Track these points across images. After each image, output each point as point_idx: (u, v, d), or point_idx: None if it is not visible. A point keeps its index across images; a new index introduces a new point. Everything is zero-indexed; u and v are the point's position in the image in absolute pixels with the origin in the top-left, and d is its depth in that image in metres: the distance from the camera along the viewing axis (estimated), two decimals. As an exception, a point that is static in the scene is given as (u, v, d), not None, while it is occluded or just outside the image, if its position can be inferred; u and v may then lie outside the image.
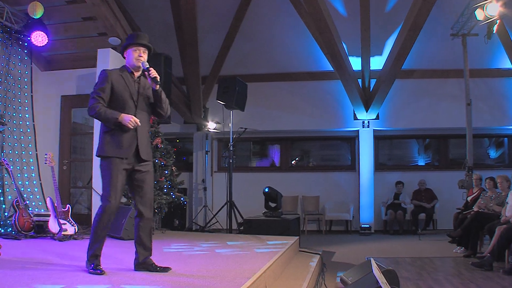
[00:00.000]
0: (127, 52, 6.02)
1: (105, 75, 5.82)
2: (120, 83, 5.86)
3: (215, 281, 5.23)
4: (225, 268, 6.13)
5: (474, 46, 14.34)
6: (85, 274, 5.51)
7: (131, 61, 5.96)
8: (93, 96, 5.73)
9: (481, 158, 17.08)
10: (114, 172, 5.69)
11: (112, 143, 5.73)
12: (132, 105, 5.88)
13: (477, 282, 7.86)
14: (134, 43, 5.98)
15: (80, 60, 12.64)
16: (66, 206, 9.38)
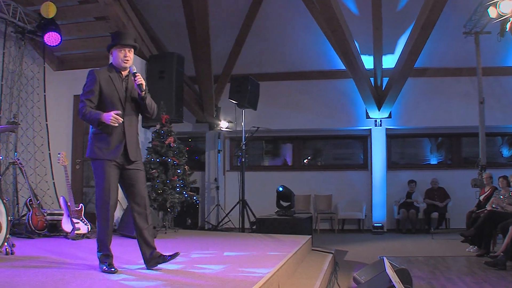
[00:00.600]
0: (113, 51, 5.97)
1: (93, 77, 5.80)
2: (108, 84, 5.85)
3: (228, 279, 5.23)
4: (237, 266, 6.13)
5: (487, 44, 14.30)
6: (99, 273, 5.52)
7: (118, 62, 5.94)
8: (81, 100, 5.73)
9: (494, 157, 16.99)
10: (106, 172, 5.75)
11: (100, 145, 5.77)
12: (120, 106, 5.87)
13: (490, 282, 7.83)
14: (119, 44, 5.93)
15: (92, 60, 12.67)
16: (79, 205, 9.42)
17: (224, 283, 5.06)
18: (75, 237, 8.94)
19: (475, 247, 10.98)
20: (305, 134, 17.54)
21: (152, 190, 10.55)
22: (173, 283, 5.05)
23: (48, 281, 4.97)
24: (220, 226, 14.28)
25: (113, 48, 5.94)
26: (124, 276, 5.40)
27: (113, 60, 5.97)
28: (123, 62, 5.91)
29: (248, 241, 9.46)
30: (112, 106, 5.78)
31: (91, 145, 5.81)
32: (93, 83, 5.75)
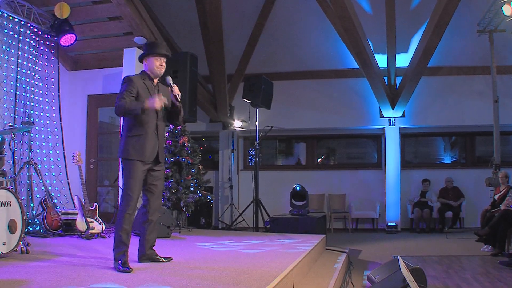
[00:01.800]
0: (148, 59, 6.33)
1: (131, 82, 6.10)
2: (144, 91, 6.16)
3: (242, 278, 5.23)
4: (252, 266, 6.14)
5: (501, 42, 14.24)
6: (113, 272, 5.55)
7: (153, 69, 6.30)
8: (119, 98, 5.99)
9: (509, 156, 16.92)
10: (137, 173, 6.05)
11: (136, 147, 6.04)
12: (154, 112, 6.15)
13: (505, 281, 7.80)
14: (155, 53, 6.29)
15: (106, 60, 12.74)
16: (93, 205, 9.45)
17: (238, 281, 5.06)
18: (89, 236, 8.97)
19: (489, 247, 10.94)
20: (318, 133, 17.53)
21: (166, 190, 10.58)
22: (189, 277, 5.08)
23: (63, 279, 4.99)
24: (234, 225, 14.30)
25: (148, 57, 6.32)
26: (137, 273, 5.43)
27: (148, 68, 6.32)
28: (158, 70, 6.30)
29: (262, 240, 9.46)
30: (147, 112, 6.04)
31: (126, 146, 6.07)
32: (132, 87, 6.07)
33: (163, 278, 5.21)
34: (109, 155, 13.17)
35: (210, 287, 4.82)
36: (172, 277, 5.28)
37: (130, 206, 6.01)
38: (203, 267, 5.94)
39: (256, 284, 4.93)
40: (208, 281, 5.11)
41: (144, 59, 6.38)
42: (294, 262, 6.30)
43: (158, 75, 6.38)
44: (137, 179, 6.06)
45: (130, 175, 6.05)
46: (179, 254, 6.37)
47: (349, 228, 16.10)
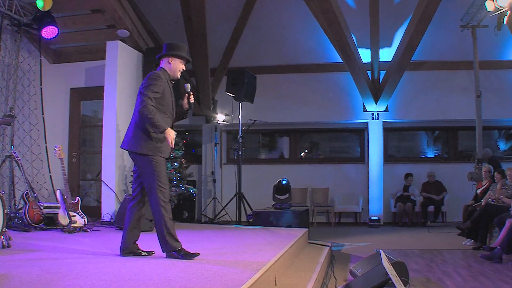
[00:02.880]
0: (174, 61, 6.50)
1: (161, 80, 6.27)
2: (167, 90, 6.38)
3: (225, 272, 5.23)
4: (234, 260, 6.14)
5: (484, 38, 14.29)
6: (95, 266, 5.52)
7: (176, 72, 6.53)
8: (148, 97, 6.12)
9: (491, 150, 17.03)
10: (164, 167, 6.35)
11: (159, 144, 6.28)
12: (172, 109, 6.53)
13: (486, 275, 7.85)
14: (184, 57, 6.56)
15: (89, 53, 12.68)
16: (76, 198, 9.41)
17: (221, 275, 5.06)
18: (71, 230, 8.93)
19: (471, 240, 11.02)
20: (302, 127, 17.56)
21: (148, 183, 10.54)
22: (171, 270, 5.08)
23: (44, 274, 4.96)
24: (216, 219, 14.30)
25: (174, 58, 6.50)
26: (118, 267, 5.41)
27: (170, 68, 6.50)
28: (179, 73, 6.57)
29: (244, 234, 9.47)
30: (168, 108, 6.42)
31: (150, 144, 6.25)
32: (161, 85, 6.25)
33: (145, 273, 5.19)
34: (92, 149, 13.13)
35: (192, 281, 4.81)
36: (154, 271, 5.26)
37: (166, 198, 6.20)
38: (184, 262, 5.92)
39: (238, 277, 4.93)
40: (190, 274, 5.09)
41: (170, 59, 6.49)
42: (276, 255, 6.31)
43: (177, 78, 6.59)
44: (165, 175, 6.30)
45: (161, 169, 6.25)
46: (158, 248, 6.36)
47: (332, 222, 16.12)
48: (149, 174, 6.22)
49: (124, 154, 11.43)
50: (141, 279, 4.82)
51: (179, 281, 4.76)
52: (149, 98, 6.05)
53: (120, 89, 11.37)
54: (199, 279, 4.89)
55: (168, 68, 6.47)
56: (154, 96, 6.10)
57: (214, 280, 4.83)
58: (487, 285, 7.16)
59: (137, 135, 6.25)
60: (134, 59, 12.11)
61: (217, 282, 4.77)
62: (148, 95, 6.06)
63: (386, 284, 5.52)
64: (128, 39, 11.86)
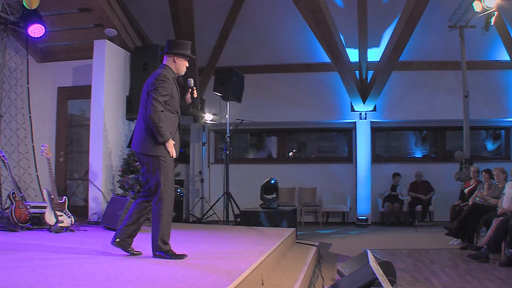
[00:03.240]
0: (179, 59, 6.51)
1: (168, 81, 6.25)
2: (174, 89, 6.37)
3: (211, 272, 5.23)
4: (221, 259, 6.15)
5: (471, 38, 14.35)
6: (81, 265, 5.50)
7: (180, 70, 6.56)
8: (159, 100, 6.12)
9: (478, 151, 17.12)
10: (172, 169, 6.38)
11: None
12: (178, 107, 6.50)
13: (473, 274, 7.89)
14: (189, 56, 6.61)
15: (76, 52, 12.62)
16: (63, 198, 9.36)
17: (206, 276, 5.06)
18: (58, 230, 8.89)
19: (458, 240, 11.07)
20: (290, 127, 17.55)
21: (135, 183, 10.52)
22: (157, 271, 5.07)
23: (30, 274, 4.94)
24: (204, 218, 14.29)
25: (180, 57, 6.52)
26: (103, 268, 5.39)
27: (175, 66, 6.51)
28: (183, 71, 6.59)
29: (232, 233, 9.48)
30: (175, 107, 6.43)
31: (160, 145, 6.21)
32: (169, 87, 6.25)
33: (131, 272, 5.18)
34: (79, 148, 13.08)
35: (179, 280, 4.81)
36: (140, 271, 5.25)
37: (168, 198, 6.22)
38: (172, 262, 5.91)
39: (225, 277, 4.92)
40: (177, 274, 5.09)
41: (175, 57, 6.49)
42: (263, 255, 6.31)
43: (181, 75, 6.63)
44: (172, 173, 6.37)
45: (169, 171, 6.27)
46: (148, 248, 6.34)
47: (320, 221, 16.13)
48: (157, 175, 6.22)
49: (112, 153, 11.42)
50: (127, 279, 4.81)
51: (166, 281, 4.75)
52: (160, 103, 6.07)
53: (107, 88, 11.33)
54: (186, 279, 4.89)
55: (173, 66, 6.48)
56: (164, 99, 6.13)
57: (200, 280, 4.83)
58: (474, 284, 7.19)
59: (148, 136, 6.24)
60: (122, 58, 12.07)
61: (204, 281, 4.77)
62: (158, 100, 6.07)
63: (373, 283, 5.52)
64: (115, 38, 11.83)
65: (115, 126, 11.66)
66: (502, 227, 8.87)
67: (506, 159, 16.51)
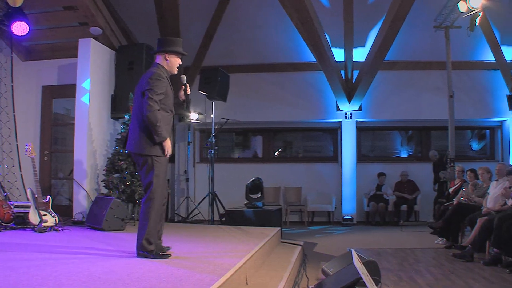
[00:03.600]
0: (171, 57, 6.56)
1: (162, 80, 6.32)
2: (168, 87, 6.44)
3: (195, 271, 5.22)
4: (205, 259, 6.14)
5: (457, 38, 14.40)
6: (65, 265, 5.47)
7: (173, 68, 6.61)
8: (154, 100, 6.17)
9: (464, 150, 17.19)
10: (165, 167, 6.44)
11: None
12: (172, 106, 6.60)
13: (457, 273, 7.92)
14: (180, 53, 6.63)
15: (61, 50, 12.54)
16: (47, 197, 9.32)
17: (191, 275, 5.04)
18: (42, 230, 8.84)
19: (443, 239, 11.13)
20: (275, 126, 17.55)
21: (120, 182, 10.50)
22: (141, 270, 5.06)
23: (13, 274, 4.91)
24: (189, 218, 14.27)
25: (171, 54, 6.56)
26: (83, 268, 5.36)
27: (167, 64, 6.57)
28: (176, 69, 6.66)
29: (217, 233, 9.47)
30: (170, 105, 6.52)
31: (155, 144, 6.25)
32: (164, 86, 6.31)
33: (115, 272, 5.16)
34: (64, 147, 13.01)
35: (163, 280, 4.79)
36: (124, 271, 5.23)
37: (158, 199, 6.26)
38: (156, 261, 5.90)
39: (209, 277, 4.92)
40: (160, 274, 5.08)
41: (167, 55, 6.53)
42: (248, 255, 6.31)
43: (175, 73, 6.67)
44: (164, 172, 6.42)
45: (162, 170, 6.32)
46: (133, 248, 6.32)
47: (305, 221, 16.13)
48: (149, 175, 6.27)
49: (96, 152, 11.38)
50: (111, 279, 4.80)
51: (149, 281, 4.74)
52: (156, 102, 6.12)
53: (92, 87, 11.29)
54: (169, 278, 4.88)
55: (165, 65, 6.52)
56: (159, 98, 6.18)
57: (184, 280, 4.82)
58: (458, 283, 7.22)
59: (142, 136, 6.27)
60: (107, 57, 12.03)
61: (188, 281, 4.76)
62: (154, 99, 6.11)
63: (357, 283, 5.52)
64: (101, 36, 11.78)
65: (100, 125, 11.62)
66: (486, 226, 8.90)
67: (491, 158, 16.61)
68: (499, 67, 15.55)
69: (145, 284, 4.57)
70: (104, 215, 9.41)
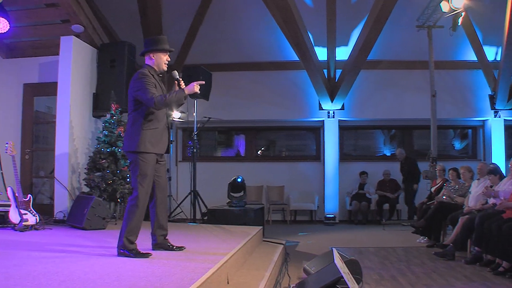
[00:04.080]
0: (156, 55, 6.60)
1: (148, 76, 6.38)
2: (157, 85, 6.51)
3: (176, 271, 5.19)
4: (186, 258, 6.11)
5: (439, 38, 14.46)
6: (44, 265, 5.43)
7: (161, 65, 6.65)
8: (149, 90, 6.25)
9: (446, 149, 17.27)
10: (151, 166, 6.42)
11: (153, 141, 6.40)
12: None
13: (439, 272, 7.96)
14: (166, 50, 6.67)
15: (42, 48, 12.46)
16: (27, 196, 9.25)
17: (172, 273, 5.02)
18: (22, 229, 8.78)
19: (425, 238, 11.17)
20: (258, 125, 17.54)
21: (102, 181, 10.45)
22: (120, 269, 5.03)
23: (-8, 272, 4.86)
24: (172, 217, 14.19)
25: (156, 52, 6.61)
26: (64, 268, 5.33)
27: (154, 63, 6.63)
28: (165, 66, 6.71)
29: (198, 232, 9.44)
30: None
31: (142, 139, 6.32)
32: (151, 80, 6.37)
33: (95, 272, 5.13)
34: (46, 145, 12.91)
35: (143, 279, 4.77)
36: (104, 270, 5.20)
37: (144, 198, 6.35)
38: (136, 260, 5.88)
39: (189, 276, 4.90)
40: (141, 273, 5.06)
41: (151, 54, 6.60)
42: (229, 254, 6.29)
43: (164, 71, 6.76)
44: (150, 171, 6.39)
45: (146, 167, 6.34)
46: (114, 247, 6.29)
47: (288, 220, 16.15)
48: (135, 173, 6.35)
49: (78, 151, 11.33)
50: (90, 278, 4.77)
51: (129, 280, 4.72)
52: (150, 91, 6.19)
53: (74, 85, 11.23)
54: (150, 278, 4.85)
55: (152, 64, 6.59)
56: (153, 90, 6.23)
57: (165, 279, 4.80)
58: (440, 282, 7.25)
59: (131, 134, 6.37)
60: (89, 55, 11.97)
61: (168, 280, 4.73)
62: (148, 89, 6.20)
63: (338, 282, 5.52)
64: (82, 34, 11.72)
65: (81, 124, 11.56)
66: (468, 225, 8.94)
67: (473, 158, 16.71)
68: (481, 67, 15.66)
69: (125, 284, 4.54)
70: (85, 214, 9.37)
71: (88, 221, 9.36)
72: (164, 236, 6.77)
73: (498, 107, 15.58)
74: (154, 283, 4.59)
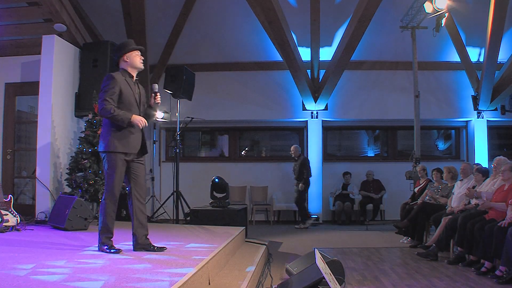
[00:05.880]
0: (128, 56, 6.69)
1: (113, 79, 6.46)
2: (126, 87, 6.58)
3: (157, 271, 5.17)
4: (167, 258, 6.09)
5: (423, 39, 14.52)
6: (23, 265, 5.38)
7: (136, 64, 6.75)
8: (104, 99, 6.39)
9: (430, 150, 17.32)
10: (120, 166, 6.57)
11: (122, 140, 6.54)
12: (137, 108, 6.73)
13: (422, 272, 7.99)
14: (135, 48, 6.76)
15: (24, 47, 12.38)
16: (8, 197, 9.17)
17: (152, 275, 4.99)
18: (3, 229, 8.70)
19: (408, 238, 11.18)
20: (242, 125, 17.49)
21: (83, 181, 10.40)
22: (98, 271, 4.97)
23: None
24: (154, 217, 14.15)
25: (127, 54, 6.70)
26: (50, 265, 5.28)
27: (128, 65, 6.73)
28: (140, 64, 6.82)
29: (180, 232, 9.42)
30: (130, 106, 6.62)
31: (110, 139, 6.51)
32: (115, 85, 6.45)
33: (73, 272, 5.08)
34: (28, 145, 12.84)
35: (123, 279, 4.74)
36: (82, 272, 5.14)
37: (113, 195, 6.56)
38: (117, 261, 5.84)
39: (170, 276, 4.88)
40: (120, 274, 5.01)
41: (124, 58, 6.69)
42: (211, 254, 6.27)
43: (140, 69, 6.84)
44: (119, 170, 6.54)
45: (114, 166, 6.52)
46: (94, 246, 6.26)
47: (271, 220, 16.13)
48: (105, 172, 6.62)
49: (60, 151, 11.27)
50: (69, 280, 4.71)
51: (109, 280, 4.67)
52: (105, 100, 6.34)
53: (56, 84, 11.18)
54: (131, 278, 4.82)
55: (126, 66, 6.70)
56: (110, 96, 6.36)
57: (145, 279, 4.77)
58: (423, 282, 7.27)
59: (102, 134, 6.58)
60: (71, 54, 11.91)
61: (149, 281, 4.70)
62: (104, 98, 6.35)
63: (320, 282, 5.50)
64: (65, 33, 11.66)
65: (63, 123, 11.50)
66: (450, 225, 8.97)
67: (457, 158, 16.76)
68: (464, 68, 15.73)
69: (105, 284, 4.50)
70: (67, 215, 9.30)
71: (70, 222, 9.29)
72: (146, 235, 6.80)
73: (481, 108, 15.65)
74: (134, 284, 4.55)
